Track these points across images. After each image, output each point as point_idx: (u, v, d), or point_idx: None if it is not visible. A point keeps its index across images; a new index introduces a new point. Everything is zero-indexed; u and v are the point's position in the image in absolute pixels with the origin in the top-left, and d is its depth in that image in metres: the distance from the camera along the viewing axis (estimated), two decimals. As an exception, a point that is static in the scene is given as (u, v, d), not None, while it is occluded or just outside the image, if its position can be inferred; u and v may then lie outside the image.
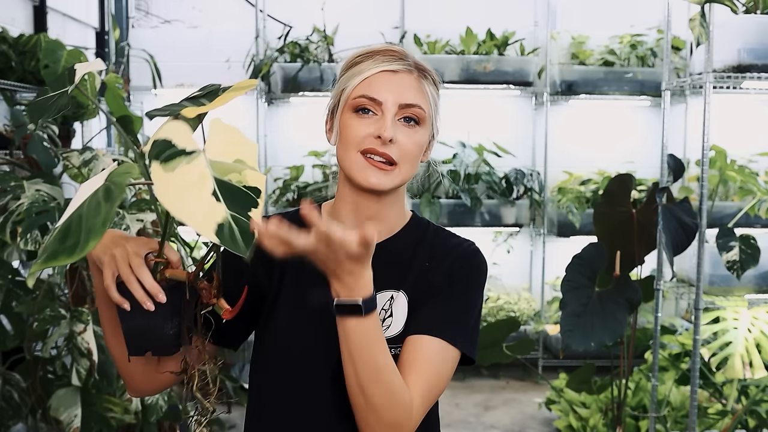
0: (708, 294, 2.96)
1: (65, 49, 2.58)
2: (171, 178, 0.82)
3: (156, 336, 1.00)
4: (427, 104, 1.11)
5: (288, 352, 1.14)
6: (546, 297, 4.65)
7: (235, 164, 0.86)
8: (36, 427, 2.44)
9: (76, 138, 3.26)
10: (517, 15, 4.65)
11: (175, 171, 0.83)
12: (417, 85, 1.11)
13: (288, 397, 1.14)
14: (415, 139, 1.10)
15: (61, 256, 0.81)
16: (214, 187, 0.83)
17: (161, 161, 0.84)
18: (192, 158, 0.85)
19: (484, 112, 4.67)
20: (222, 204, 0.82)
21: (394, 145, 1.08)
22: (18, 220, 2.03)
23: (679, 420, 3.24)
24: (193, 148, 0.87)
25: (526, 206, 4.46)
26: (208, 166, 0.85)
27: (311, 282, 1.14)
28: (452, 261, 1.16)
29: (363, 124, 1.09)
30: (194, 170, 0.84)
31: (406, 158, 1.09)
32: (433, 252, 1.17)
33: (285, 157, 4.50)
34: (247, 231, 0.81)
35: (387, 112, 1.08)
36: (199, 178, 0.83)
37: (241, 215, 0.82)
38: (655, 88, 4.40)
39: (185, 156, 0.85)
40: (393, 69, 1.10)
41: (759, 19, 2.58)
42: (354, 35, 4.30)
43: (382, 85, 1.09)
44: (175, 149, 0.86)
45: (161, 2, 4.66)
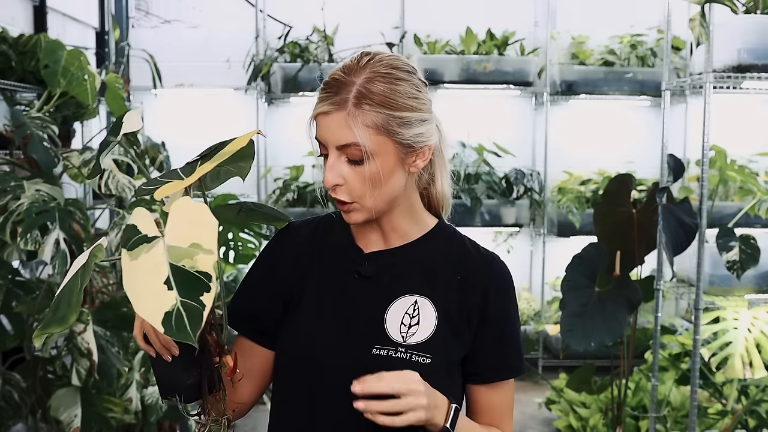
0: (708, 294, 2.96)
1: (65, 49, 2.58)
2: (135, 267, 0.86)
3: (176, 384, 1.06)
4: (361, 137, 1.05)
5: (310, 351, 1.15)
6: (546, 297, 4.65)
7: (190, 249, 0.87)
8: (36, 427, 2.44)
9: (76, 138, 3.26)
10: (517, 15, 4.64)
11: (138, 259, 0.86)
12: (346, 122, 1.05)
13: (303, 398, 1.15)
14: (362, 174, 1.07)
15: (53, 325, 0.91)
16: (168, 274, 0.85)
17: (128, 249, 0.88)
18: (151, 245, 0.88)
19: (484, 112, 4.67)
20: (173, 292, 0.83)
21: (343, 186, 1.09)
22: (18, 220, 2.03)
23: (679, 420, 3.24)
24: (154, 234, 0.90)
25: (526, 206, 4.45)
26: (164, 253, 0.87)
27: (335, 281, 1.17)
28: (487, 283, 1.17)
29: (325, 168, 1.10)
30: (152, 257, 0.86)
31: (359, 195, 1.09)
32: (462, 265, 1.17)
33: (285, 157, 4.50)
34: (196, 316, 0.82)
35: (330, 156, 1.09)
36: (155, 266, 0.86)
37: (193, 300, 0.83)
38: (655, 88, 4.40)
39: (146, 243, 0.88)
40: (324, 111, 1.07)
41: (759, 19, 2.58)
42: (354, 35, 4.30)
43: (321, 127, 1.09)
44: (138, 235, 0.89)
45: (161, 2, 4.66)
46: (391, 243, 1.18)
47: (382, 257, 1.17)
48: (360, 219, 1.11)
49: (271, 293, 1.19)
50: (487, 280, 1.17)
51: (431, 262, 1.17)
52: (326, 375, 1.13)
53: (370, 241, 1.18)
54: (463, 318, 1.15)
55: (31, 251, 2.13)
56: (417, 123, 1.09)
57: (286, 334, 1.18)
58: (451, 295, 1.15)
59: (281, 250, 1.22)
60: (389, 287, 1.15)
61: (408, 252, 1.17)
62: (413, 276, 1.16)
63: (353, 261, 1.17)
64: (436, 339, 1.12)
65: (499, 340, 1.17)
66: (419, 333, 1.12)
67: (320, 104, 1.08)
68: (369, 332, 1.12)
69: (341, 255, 1.19)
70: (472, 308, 1.15)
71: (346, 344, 1.12)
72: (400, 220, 1.17)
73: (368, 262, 1.17)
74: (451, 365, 1.14)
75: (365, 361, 1.10)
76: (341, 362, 1.12)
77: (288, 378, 1.17)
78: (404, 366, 1.10)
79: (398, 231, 1.17)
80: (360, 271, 1.16)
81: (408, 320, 1.13)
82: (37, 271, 2.83)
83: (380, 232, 1.18)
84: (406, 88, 1.08)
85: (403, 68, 1.10)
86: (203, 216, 0.90)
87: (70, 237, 2.05)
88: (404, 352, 1.11)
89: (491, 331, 1.16)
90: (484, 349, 1.16)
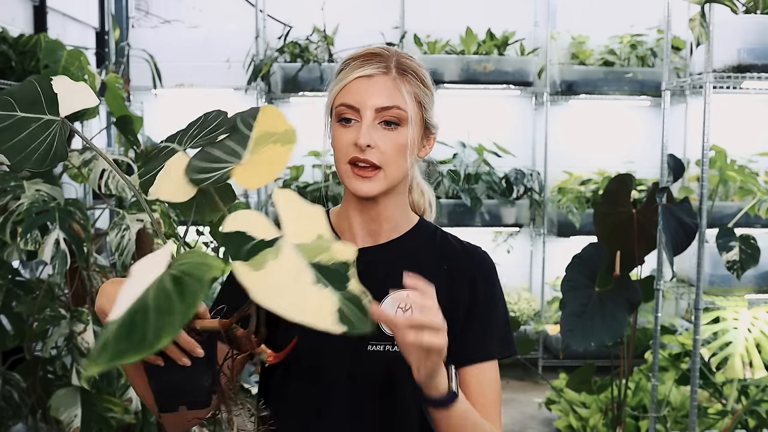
0: (708, 294, 2.96)
1: (65, 49, 2.58)
2: (263, 277, 0.76)
3: (192, 391, 0.97)
4: (407, 103, 1.11)
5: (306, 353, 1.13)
6: (546, 297, 4.65)
7: (318, 242, 0.81)
8: (36, 427, 2.44)
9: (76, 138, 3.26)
10: (517, 15, 4.65)
11: (265, 267, 0.76)
12: (393, 85, 1.11)
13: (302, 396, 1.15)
14: (396, 140, 1.11)
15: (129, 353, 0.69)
16: (314, 274, 0.77)
17: (244, 259, 0.77)
18: (278, 249, 0.78)
19: (484, 112, 4.67)
20: (329, 288, 0.77)
21: (374, 149, 1.09)
22: (18, 220, 2.03)
23: (679, 420, 3.24)
24: (273, 236, 0.80)
25: (526, 206, 4.46)
26: (297, 254, 0.79)
27: None
28: (474, 273, 1.19)
29: (345, 134, 1.11)
30: (286, 263, 0.77)
31: (388, 161, 1.11)
32: (447, 256, 1.20)
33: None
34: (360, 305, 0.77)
35: (364, 119, 1.10)
36: (294, 270, 0.77)
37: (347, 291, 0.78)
38: (655, 88, 4.40)
39: (268, 248, 0.79)
40: (367, 74, 1.10)
41: (759, 19, 2.58)
42: (354, 35, 4.30)
43: (357, 91, 1.10)
44: (254, 242, 0.79)
45: (161, 2, 4.66)
46: (379, 238, 1.18)
47: (371, 253, 1.17)
48: (377, 190, 1.11)
49: None
50: (473, 270, 1.20)
51: (419, 255, 1.19)
52: (323, 374, 1.13)
53: (357, 237, 1.18)
54: (452, 307, 1.16)
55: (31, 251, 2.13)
56: (434, 108, 1.17)
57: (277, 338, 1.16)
58: (439, 286, 1.15)
59: None
60: (381, 283, 1.15)
61: (396, 246, 1.18)
62: (404, 269, 1.16)
63: None
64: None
65: (485, 323, 1.18)
66: None
67: (360, 69, 1.11)
68: None
69: None
70: (460, 297, 1.17)
71: (342, 343, 1.11)
72: (395, 208, 1.18)
73: (358, 258, 1.16)
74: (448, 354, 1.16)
75: (362, 359, 1.11)
76: (338, 361, 1.12)
77: (285, 379, 1.17)
78: (400, 360, 1.10)
79: (391, 222, 1.18)
80: None
81: (401, 314, 1.13)
82: (37, 271, 2.83)
83: (368, 227, 1.18)
84: (428, 74, 1.17)
85: None
86: (306, 205, 0.84)
87: (70, 237, 2.05)
88: None
89: (478, 315, 1.18)
90: (472, 332, 1.17)
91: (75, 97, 1.03)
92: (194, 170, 0.96)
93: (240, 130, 0.99)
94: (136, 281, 0.76)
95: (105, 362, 0.69)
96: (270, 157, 0.94)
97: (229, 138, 0.99)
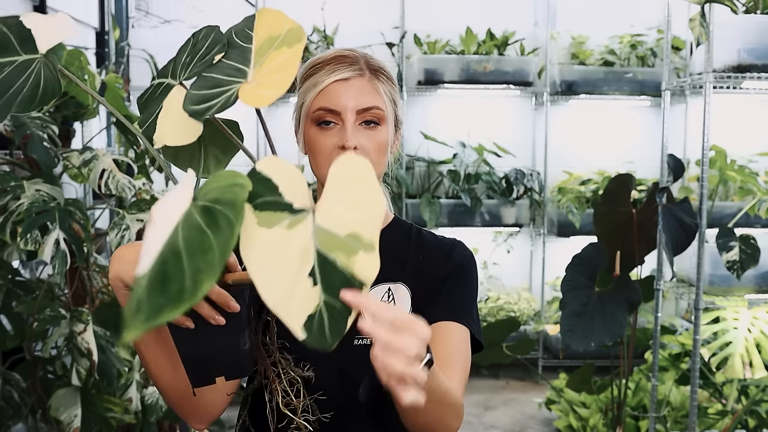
0: (708, 294, 2.96)
1: (65, 49, 2.58)
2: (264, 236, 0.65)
3: (229, 356, 0.85)
4: (383, 102, 1.14)
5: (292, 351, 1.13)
6: (546, 297, 4.65)
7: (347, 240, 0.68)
8: (36, 427, 2.44)
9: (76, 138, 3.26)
10: (517, 15, 4.65)
11: (272, 229, 0.66)
12: (370, 86, 1.14)
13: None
14: (377, 139, 1.13)
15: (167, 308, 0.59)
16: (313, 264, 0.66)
17: (256, 207, 0.67)
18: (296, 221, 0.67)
19: (484, 112, 4.67)
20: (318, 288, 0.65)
21: (359, 151, 1.11)
22: (18, 220, 2.03)
23: (679, 420, 3.24)
24: (302, 206, 0.69)
25: (526, 206, 4.46)
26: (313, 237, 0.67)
27: None
28: (449, 253, 1.22)
29: (327, 137, 1.13)
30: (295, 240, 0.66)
31: (372, 161, 1.12)
32: (422, 246, 1.23)
33: (285, 157, 4.48)
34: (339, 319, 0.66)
35: (347, 121, 1.11)
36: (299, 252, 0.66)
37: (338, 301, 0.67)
38: (655, 88, 4.41)
39: (289, 214, 0.68)
40: (344, 77, 1.12)
41: (759, 19, 2.58)
42: (354, 35, 4.30)
43: (337, 94, 1.12)
44: (279, 200, 0.69)
45: (161, 2, 4.66)
46: None
47: None
48: None
49: None
50: (449, 258, 1.21)
51: (397, 249, 1.21)
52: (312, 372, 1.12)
53: None
54: (432, 293, 1.18)
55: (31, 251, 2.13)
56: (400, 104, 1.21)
57: None
58: (421, 275, 1.20)
59: None
60: None
61: None
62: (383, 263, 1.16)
63: None
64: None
65: (451, 293, 1.18)
66: None
67: (336, 72, 1.13)
68: None
69: None
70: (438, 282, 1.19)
71: None
72: None
73: None
74: None
75: (348, 353, 1.11)
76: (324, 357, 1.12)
77: None
78: None
79: None
80: None
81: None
82: (37, 271, 2.83)
83: None
84: None
85: None
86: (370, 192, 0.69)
87: (70, 237, 2.05)
88: None
89: (446, 288, 1.18)
90: (438, 300, 1.17)
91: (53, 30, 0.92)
92: (193, 101, 0.84)
93: (237, 44, 0.88)
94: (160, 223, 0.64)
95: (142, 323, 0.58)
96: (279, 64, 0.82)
97: (226, 56, 0.87)
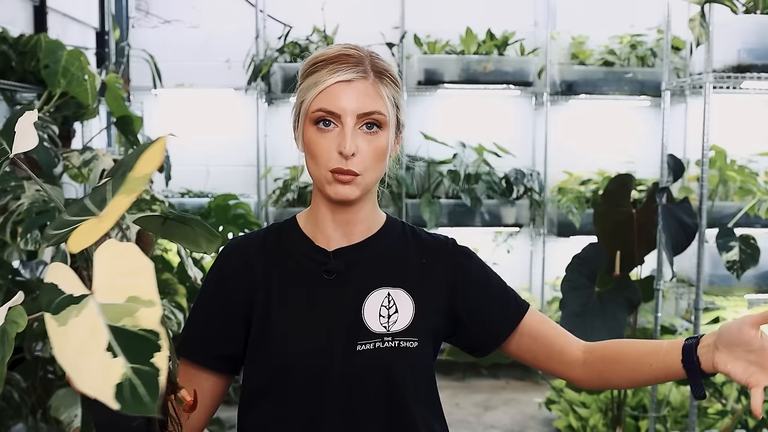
0: (708, 294, 2.96)
1: (65, 49, 2.58)
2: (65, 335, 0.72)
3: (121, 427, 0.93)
4: (386, 107, 1.10)
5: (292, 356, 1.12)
6: (546, 297, 4.65)
7: (128, 304, 0.74)
8: (36, 427, 2.45)
9: (76, 138, 3.26)
10: (517, 15, 4.65)
11: (68, 324, 0.73)
12: (373, 90, 1.10)
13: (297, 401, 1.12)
14: (376, 144, 1.10)
15: None
16: (108, 339, 0.71)
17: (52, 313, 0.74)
18: (81, 306, 0.74)
19: (484, 112, 4.67)
20: (120, 359, 0.70)
21: (357, 156, 1.09)
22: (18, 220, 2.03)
23: (679, 420, 3.24)
24: (80, 292, 0.76)
25: (526, 206, 4.45)
26: (99, 313, 0.73)
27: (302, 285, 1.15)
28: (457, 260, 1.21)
29: (326, 139, 1.09)
30: (85, 322, 0.73)
31: (368, 166, 1.10)
32: (422, 248, 1.21)
33: (285, 157, 4.50)
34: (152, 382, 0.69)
35: (346, 126, 1.08)
36: (91, 332, 0.72)
37: (145, 365, 0.70)
38: (655, 88, 4.40)
39: (74, 305, 0.74)
40: (347, 78, 1.08)
41: (759, 19, 2.58)
42: (354, 35, 4.27)
43: (338, 96, 1.08)
44: (62, 296, 0.76)
45: (161, 2, 4.66)
46: (355, 238, 1.17)
47: (349, 252, 1.16)
48: (356, 194, 1.11)
49: (227, 314, 1.16)
50: (452, 256, 1.21)
51: (395, 251, 1.19)
52: (316, 381, 1.11)
53: (332, 239, 1.17)
54: (439, 296, 1.18)
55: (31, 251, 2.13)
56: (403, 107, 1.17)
57: (260, 350, 1.14)
58: (421, 277, 1.18)
59: (230, 267, 1.18)
60: (363, 281, 1.15)
61: (372, 245, 1.18)
62: (382, 266, 1.17)
63: (318, 261, 1.15)
64: (417, 322, 1.14)
65: (497, 293, 1.22)
66: (400, 320, 1.13)
67: (338, 73, 1.08)
68: (350, 329, 1.12)
69: (303, 258, 1.16)
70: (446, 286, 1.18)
71: (330, 346, 1.11)
72: (369, 209, 1.18)
73: (335, 258, 1.15)
74: (433, 343, 1.18)
75: (353, 359, 1.10)
76: (329, 365, 1.11)
77: (276, 392, 1.13)
78: (395, 353, 1.11)
79: (365, 222, 1.18)
80: (328, 269, 1.14)
81: (386, 312, 1.13)
82: (37, 271, 2.83)
83: (342, 228, 1.17)
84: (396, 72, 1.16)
85: None
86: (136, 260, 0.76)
87: (70, 237, 2.05)
88: (391, 340, 1.11)
89: (486, 292, 1.21)
90: (498, 301, 1.21)
91: None
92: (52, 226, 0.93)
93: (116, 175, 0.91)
94: None
95: None
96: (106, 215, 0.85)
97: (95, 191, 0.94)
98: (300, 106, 1.13)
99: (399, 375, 1.11)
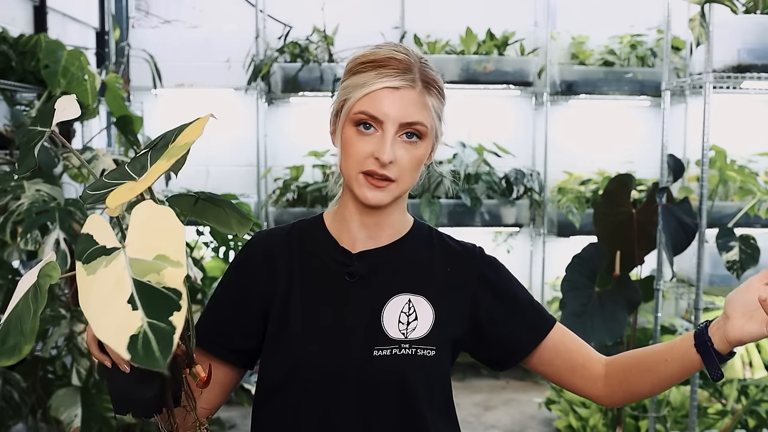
0: (708, 294, 2.96)
1: (65, 49, 2.58)
2: (92, 283, 0.76)
3: (135, 397, 0.96)
4: (429, 118, 1.10)
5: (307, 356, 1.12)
6: (546, 297, 4.65)
7: (155, 262, 0.77)
8: (36, 427, 2.45)
9: (76, 138, 3.26)
10: (517, 15, 4.65)
11: (96, 274, 0.77)
12: (420, 100, 1.08)
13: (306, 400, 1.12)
14: (414, 154, 1.09)
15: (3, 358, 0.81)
16: (132, 291, 0.74)
17: (83, 262, 0.78)
18: (111, 258, 0.78)
19: (484, 112, 4.67)
20: (139, 312, 0.73)
21: (393, 164, 1.08)
22: (18, 220, 2.04)
23: (679, 420, 3.24)
24: (113, 245, 0.80)
25: (526, 206, 4.45)
26: (127, 267, 0.77)
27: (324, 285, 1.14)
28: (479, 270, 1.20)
29: (364, 142, 1.08)
30: (112, 273, 0.76)
31: (403, 175, 1.10)
32: (449, 257, 1.20)
33: (285, 157, 4.50)
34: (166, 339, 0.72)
35: (387, 132, 1.07)
36: (116, 283, 0.75)
37: (162, 321, 0.73)
38: (655, 88, 4.40)
39: (104, 256, 0.79)
40: (395, 86, 1.07)
41: (759, 19, 2.58)
42: (354, 35, 4.29)
43: (383, 102, 1.06)
44: (95, 247, 0.80)
45: (161, 2, 4.66)
46: (380, 241, 1.17)
47: (373, 256, 1.16)
48: (388, 200, 1.10)
49: (246, 308, 1.16)
50: (477, 267, 1.20)
51: (420, 256, 1.18)
52: (330, 382, 1.10)
53: (357, 240, 1.16)
54: (461, 306, 1.17)
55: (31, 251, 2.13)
56: None
57: (277, 347, 1.14)
58: (444, 286, 1.17)
59: (253, 260, 1.18)
60: (384, 286, 1.14)
61: (398, 248, 1.17)
62: (406, 272, 1.16)
63: (341, 262, 1.15)
64: (436, 330, 1.13)
65: (523, 306, 1.21)
66: (419, 328, 1.12)
67: (386, 79, 1.07)
68: (367, 334, 1.11)
69: (326, 258, 1.16)
70: (469, 296, 1.17)
71: (346, 349, 1.11)
72: (398, 214, 1.18)
73: (358, 261, 1.15)
74: (451, 352, 1.17)
75: (368, 364, 1.10)
76: (344, 368, 1.10)
77: (289, 391, 1.13)
78: (412, 361, 1.10)
79: (394, 226, 1.17)
80: (351, 271, 1.14)
81: (405, 318, 1.13)
82: (37, 271, 2.82)
83: (369, 230, 1.16)
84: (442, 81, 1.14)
85: None
86: (169, 223, 0.80)
87: (70, 237, 2.05)
88: (408, 347, 1.11)
89: (511, 305, 1.20)
90: (527, 314, 1.21)
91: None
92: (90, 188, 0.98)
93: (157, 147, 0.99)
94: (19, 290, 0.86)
95: None
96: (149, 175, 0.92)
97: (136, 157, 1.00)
98: (342, 103, 1.11)
99: (413, 382, 1.11)
